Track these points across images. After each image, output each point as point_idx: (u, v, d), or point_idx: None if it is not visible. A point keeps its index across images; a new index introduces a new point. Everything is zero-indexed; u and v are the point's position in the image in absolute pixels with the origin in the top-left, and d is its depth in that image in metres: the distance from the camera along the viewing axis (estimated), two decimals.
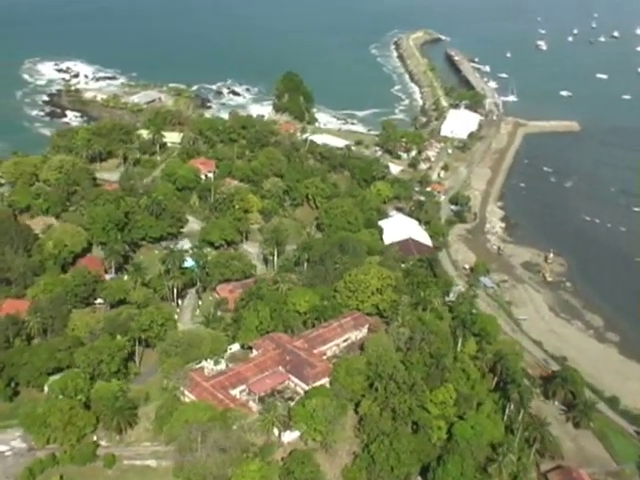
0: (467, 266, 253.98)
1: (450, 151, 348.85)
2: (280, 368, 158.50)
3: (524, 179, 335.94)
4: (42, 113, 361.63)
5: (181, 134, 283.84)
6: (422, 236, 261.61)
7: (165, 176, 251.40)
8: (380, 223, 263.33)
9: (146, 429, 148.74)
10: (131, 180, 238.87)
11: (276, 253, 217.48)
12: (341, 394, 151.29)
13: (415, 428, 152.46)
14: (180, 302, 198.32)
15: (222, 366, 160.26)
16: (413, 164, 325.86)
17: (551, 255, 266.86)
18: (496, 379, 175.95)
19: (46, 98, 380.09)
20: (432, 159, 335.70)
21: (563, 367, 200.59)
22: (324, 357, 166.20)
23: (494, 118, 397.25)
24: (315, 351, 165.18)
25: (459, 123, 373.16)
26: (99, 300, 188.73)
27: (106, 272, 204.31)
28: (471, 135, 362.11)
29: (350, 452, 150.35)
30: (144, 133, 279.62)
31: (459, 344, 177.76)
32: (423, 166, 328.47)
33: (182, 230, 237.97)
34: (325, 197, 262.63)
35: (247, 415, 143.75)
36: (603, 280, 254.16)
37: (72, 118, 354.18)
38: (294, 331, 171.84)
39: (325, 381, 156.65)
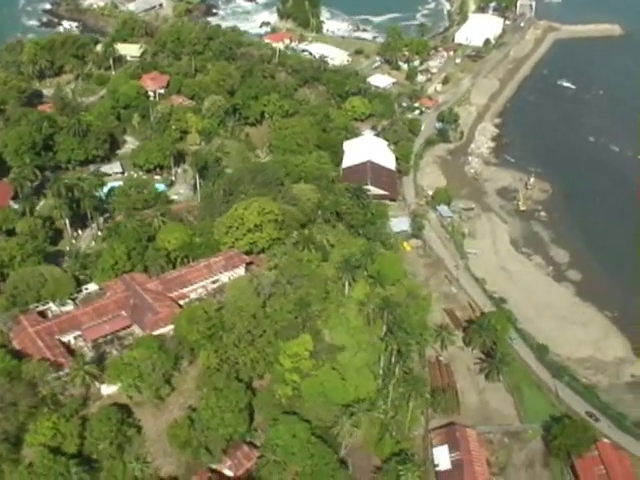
0: (430, 192, 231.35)
1: (458, 61, 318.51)
2: (123, 313, 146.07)
3: (536, 93, 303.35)
4: (38, 23, 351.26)
5: (142, 47, 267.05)
6: (386, 158, 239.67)
7: (109, 93, 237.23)
8: (345, 144, 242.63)
9: None
10: (65, 98, 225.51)
11: (197, 178, 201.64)
12: (171, 344, 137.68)
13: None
14: (80, 232, 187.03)
15: (70, 308, 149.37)
16: (410, 76, 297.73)
17: (532, 180, 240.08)
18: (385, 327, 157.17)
19: (48, 6, 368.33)
20: (433, 70, 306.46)
21: (488, 312, 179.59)
22: (186, 300, 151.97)
23: (521, 24, 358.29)
24: (173, 294, 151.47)
25: (477, 28, 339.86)
26: None
27: (15, 198, 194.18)
28: (487, 42, 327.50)
29: (185, 406, 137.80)
30: (99, 47, 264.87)
31: (346, 288, 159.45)
32: (422, 78, 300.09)
33: (118, 152, 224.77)
34: (284, 116, 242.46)
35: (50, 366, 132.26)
36: (587, 211, 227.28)
37: (66, 28, 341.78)
38: (152, 271, 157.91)
39: (169, 329, 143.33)
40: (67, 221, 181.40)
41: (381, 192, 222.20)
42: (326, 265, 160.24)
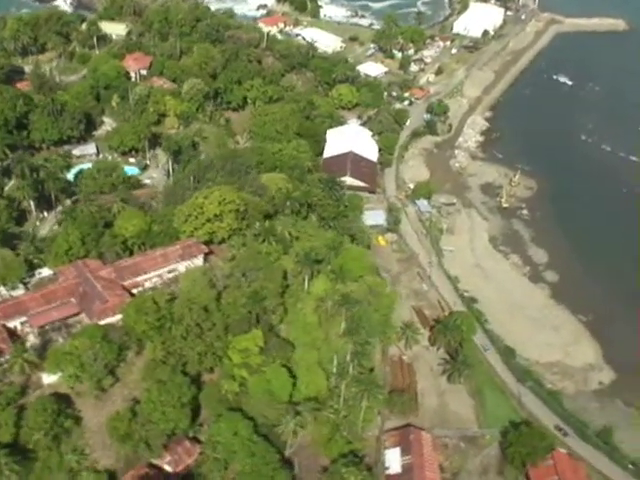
0: (411, 186, 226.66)
1: (454, 51, 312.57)
2: (73, 300, 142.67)
3: (532, 87, 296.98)
4: None
5: (127, 26, 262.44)
6: (369, 149, 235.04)
7: (89, 72, 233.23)
8: (328, 132, 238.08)
9: None
10: (42, 76, 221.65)
11: (170, 163, 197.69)
12: (116, 334, 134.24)
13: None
14: (46, 215, 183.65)
15: (20, 292, 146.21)
16: (403, 65, 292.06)
17: (517, 177, 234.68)
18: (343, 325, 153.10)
19: None
20: (427, 60, 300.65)
21: (455, 312, 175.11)
22: (139, 289, 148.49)
23: (522, 16, 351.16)
24: (126, 282, 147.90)
25: (477, 18, 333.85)
26: None
27: None
28: (485, 33, 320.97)
29: (129, 398, 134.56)
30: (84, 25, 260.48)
31: (306, 283, 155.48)
32: (415, 68, 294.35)
33: (94, 133, 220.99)
34: (268, 102, 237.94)
35: None
36: (571, 211, 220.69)
37: (62, 3, 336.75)
38: (108, 258, 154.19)
39: (117, 318, 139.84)
40: (32, 202, 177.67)
41: (360, 184, 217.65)
42: (286, 258, 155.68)
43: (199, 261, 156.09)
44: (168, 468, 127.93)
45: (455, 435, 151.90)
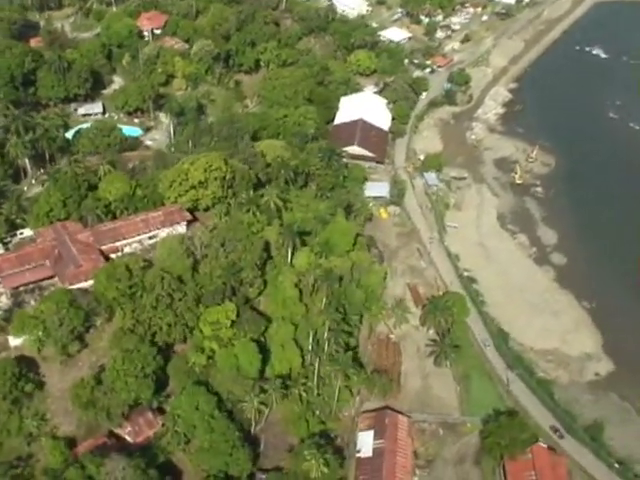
0: (422, 157, 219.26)
1: (485, 18, 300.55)
2: (47, 262, 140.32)
3: (563, 58, 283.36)
4: None
5: None
6: (381, 118, 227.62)
7: (102, 30, 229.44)
8: (342, 99, 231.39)
9: None
10: (54, 32, 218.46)
11: (172, 125, 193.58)
12: (84, 300, 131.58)
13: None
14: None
15: None
16: (429, 31, 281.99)
17: (534, 152, 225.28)
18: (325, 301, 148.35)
19: None
20: (455, 27, 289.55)
21: (448, 292, 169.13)
22: (117, 254, 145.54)
23: None
24: (105, 247, 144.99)
25: None
26: None
27: None
28: (519, 0, 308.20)
29: (97, 365, 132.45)
30: None
31: (288, 256, 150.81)
32: (441, 34, 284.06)
33: (103, 92, 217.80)
34: (281, 65, 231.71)
35: None
36: (588, 191, 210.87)
37: None
38: (89, 221, 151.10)
39: (90, 283, 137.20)
40: (27, 161, 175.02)
41: (368, 153, 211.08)
42: (270, 229, 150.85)
43: (182, 228, 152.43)
44: (128, 438, 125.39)
45: (434, 420, 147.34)
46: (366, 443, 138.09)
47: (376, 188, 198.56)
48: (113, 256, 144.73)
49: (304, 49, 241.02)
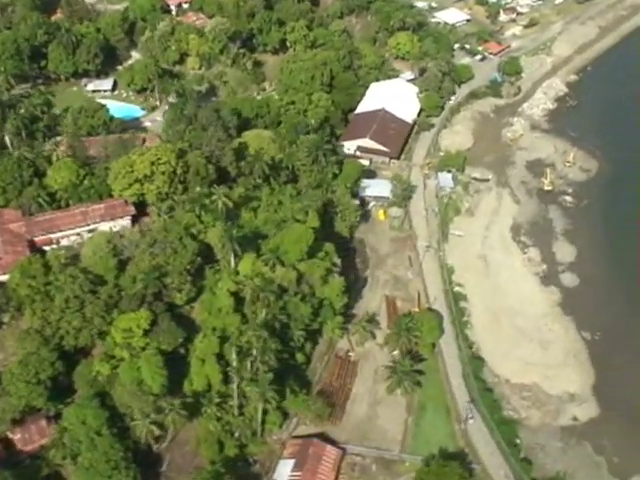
0: (442, 154, 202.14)
1: (559, 1, 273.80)
2: None
3: None
4: None
5: None
6: (407, 109, 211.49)
7: (130, 3, 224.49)
8: (371, 86, 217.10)
9: None
10: (74, 4, 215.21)
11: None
12: None
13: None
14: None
15: None
16: (491, 14, 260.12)
17: (572, 155, 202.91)
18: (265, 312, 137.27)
19: None
20: (522, 9, 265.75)
21: (422, 311, 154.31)
22: (53, 247, 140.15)
23: None
24: (39, 238, 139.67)
25: None
26: None
27: None
28: None
29: (4, 364, 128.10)
30: None
31: (232, 261, 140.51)
32: (504, 18, 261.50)
33: (118, 68, 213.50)
34: (310, 47, 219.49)
35: None
36: (628, 205, 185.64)
37: None
38: (32, 209, 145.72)
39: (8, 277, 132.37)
40: (7, 138, 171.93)
41: (381, 148, 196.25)
42: (213, 232, 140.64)
43: (125, 222, 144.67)
44: (19, 445, 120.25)
45: (370, 455, 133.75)
46: (283, 474, 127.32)
47: (377, 187, 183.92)
48: (48, 248, 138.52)
49: (336, 30, 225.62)
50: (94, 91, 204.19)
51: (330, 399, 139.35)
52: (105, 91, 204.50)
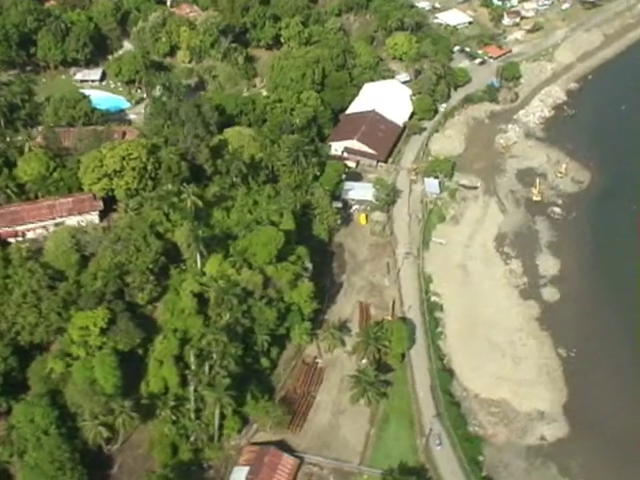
0: (430, 159, 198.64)
1: (566, 6, 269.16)
2: None
3: None
4: None
5: None
6: (399, 111, 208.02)
7: None
8: (365, 86, 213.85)
9: None
10: None
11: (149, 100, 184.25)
12: None
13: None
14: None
15: None
16: (494, 17, 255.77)
17: (564, 166, 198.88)
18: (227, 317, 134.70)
19: None
20: (527, 13, 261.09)
21: (391, 320, 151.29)
22: (18, 239, 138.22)
23: None
24: (4, 230, 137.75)
25: None
26: None
27: None
28: None
29: None
30: None
31: (198, 262, 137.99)
32: (508, 21, 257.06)
33: (109, 57, 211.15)
34: (304, 43, 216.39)
35: None
36: (618, 219, 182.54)
37: None
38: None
39: None
40: None
41: (368, 150, 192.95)
42: (180, 231, 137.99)
43: (93, 218, 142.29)
44: None
45: (328, 466, 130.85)
46: None
47: (359, 190, 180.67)
48: (12, 240, 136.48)
49: (333, 27, 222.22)
50: (82, 81, 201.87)
51: (292, 406, 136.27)
52: (93, 81, 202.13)
